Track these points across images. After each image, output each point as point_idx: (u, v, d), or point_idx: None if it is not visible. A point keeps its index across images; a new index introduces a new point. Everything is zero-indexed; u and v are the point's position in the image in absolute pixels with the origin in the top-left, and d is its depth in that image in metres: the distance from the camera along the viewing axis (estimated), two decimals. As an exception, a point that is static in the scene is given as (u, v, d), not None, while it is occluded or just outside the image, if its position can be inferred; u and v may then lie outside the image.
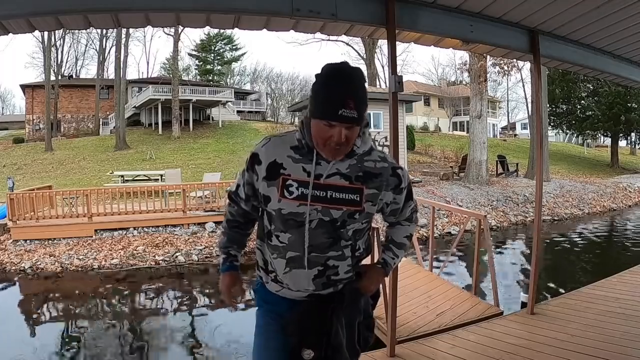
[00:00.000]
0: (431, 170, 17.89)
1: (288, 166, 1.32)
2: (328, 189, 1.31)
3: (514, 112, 55.14)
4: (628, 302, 3.69)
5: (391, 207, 1.45)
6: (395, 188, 1.41)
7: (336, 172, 1.32)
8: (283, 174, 1.31)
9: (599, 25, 3.11)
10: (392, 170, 1.39)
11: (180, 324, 5.42)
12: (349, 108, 1.20)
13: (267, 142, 1.37)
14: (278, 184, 1.32)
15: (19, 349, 4.63)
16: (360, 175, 1.33)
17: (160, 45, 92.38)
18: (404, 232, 1.57)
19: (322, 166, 1.31)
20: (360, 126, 1.29)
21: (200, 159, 20.39)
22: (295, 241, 1.35)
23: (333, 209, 1.31)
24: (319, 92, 1.26)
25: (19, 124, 37.13)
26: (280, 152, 1.33)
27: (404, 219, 1.54)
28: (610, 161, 25.82)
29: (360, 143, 1.33)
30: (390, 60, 2.73)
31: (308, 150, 1.32)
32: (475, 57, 14.22)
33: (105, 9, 2.28)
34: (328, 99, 1.22)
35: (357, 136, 1.29)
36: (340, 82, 1.23)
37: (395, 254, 1.56)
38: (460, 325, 3.57)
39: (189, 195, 9.90)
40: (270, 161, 1.33)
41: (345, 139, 1.23)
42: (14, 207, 8.63)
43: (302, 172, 1.31)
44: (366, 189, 1.33)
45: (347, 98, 1.20)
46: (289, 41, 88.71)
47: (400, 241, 1.56)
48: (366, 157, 1.36)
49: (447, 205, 9.94)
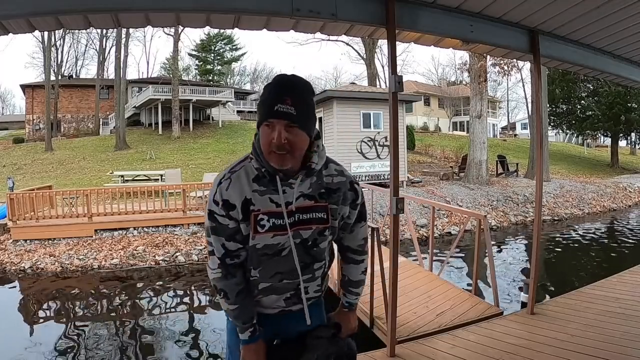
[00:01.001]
0: (431, 170, 17.89)
1: (256, 201, 1.29)
2: (296, 212, 1.31)
3: (514, 112, 55.23)
4: (628, 302, 3.70)
5: (344, 221, 1.43)
6: (352, 202, 1.40)
7: (300, 194, 1.31)
8: (253, 210, 1.29)
9: (599, 25, 3.11)
10: (350, 184, 1.39)
11: (180, 324, 5.42)
12: (285, 104, 1.20)
13: (229, 182, 1.30)
14: (251, 221, 1.29)
15: (19, 349, 4.63)
16: (323, 192, 1.34)
17: (160, 45, 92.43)
18: (359, 269, 1.54)
19: (288, 193, 1.30)
20: (308, 134, 1.26)
21: (200, 159, 20.40)
22: (266, 273, 1.36)
23: (303, 230, 1.33)
24: (260, 97, 1.27)
25: (19, 124, 37.18)
26: (246, 188, 1.29)
27: (355, 246, 1.50)
28: (610, 161, 25.82)
29: (317, 159, 1.31)
30: (390, 60, 2.73)
31: (270, 179, 1.29)
32: (475, 57, 14.23)
33: (105, 9, 2.28)
34: (266, 99, 1.23)
35: (303, 147, 1.26)
36: (278, 84, 1.25)
37: (356, 293, 1.57)
38: (460, 325, 3.57)
39: (189, 195, 9.90)
40: (242, 200, 1.29)
41: (286, 141, 1.21)
42: (14, 207, 8.63)
43: (269, 203, 1.29)
44: (329, 204, 1.35)
45: (284, 95, 1.21)
46: (289, 41, 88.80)
47: (357, 279, 1.55)
48: (324, 171, 1.36)
49: (447, 205, 9.94)
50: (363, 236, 1.50)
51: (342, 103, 13.23)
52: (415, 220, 10.12)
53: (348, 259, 1.52)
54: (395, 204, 2.72)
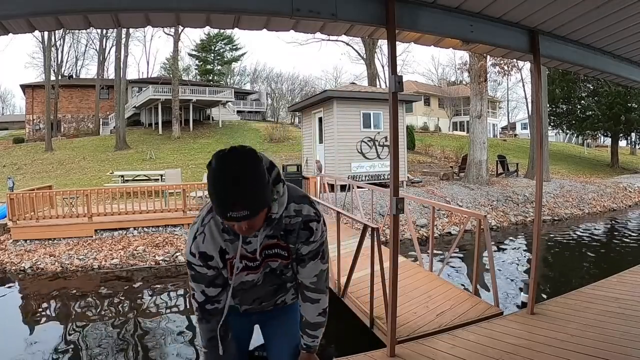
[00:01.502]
0: (431, 170, 17.88)
1: (229, 250, 1.40)
2: (262, 251, 1.43)
3: (514, 112, 55.22)
4: (628, 302, 3.70)
5: (297, 253, 1.47)
6: (305, 240, 1.43)
7: (265, 237, 1.41)
8: (229, 258, 1.41)
9: (599, 25, 3.11)
10: (303, 224, 1.41)
11: (180, 324, 5.42)
12: (237, 210, 1.15)
13: (203, 236, 1.37)
14: (227, 266, 1.42)
15: (19, 349, 4.63)
16: (282, 234, 1.42)
17: (160, 45, 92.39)
18: (316, 310, 1.54)
19: (253, 243, 1.40)
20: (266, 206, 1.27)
21: (200, 159, 20.39)
22: (246, 300, 1.56)
23: (271, 261, 1.46)
24: (209, 190, 1.19)
25: (19, 124, 37.18)
26: (219, 240, 1.38)
27: (308, 283, 1.51)
28: (610, 161, 25.81)
29: (277, 208, 1.34)
30: (390, 60, 2.73)
31: (234, 232, 1.35)
32: (475, 57, 14.22)
33: (105, 9, 2.28)
34: (216, 201, 1.18)
35: (263, 217, 1.29)
36: (223, 184, 1.15)
37: (314, 335, 1.58)
38: (460, 325, 3.57)
39: (189, 195, 9.90)
40: (217, 251, 1.39)
41: (247, 227, 1.25)
42: (14, 207, 8.63)
43: (239, 249, 1.39)
44: (289, 244, 1.44)
45: (233, 201, 1.15)
46: (289, 41, 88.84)
47: (314, 321, 1.56)
48: (284, 212, 1.38)
49: (447, 205, 9.94)
50: (316, 273, 1.49)
51: (342, 103, 13.22)
52: (415, 220, 10.12)
53: (304, 297, 1.55)
54: (395, 204, 2.72)
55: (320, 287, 1.52)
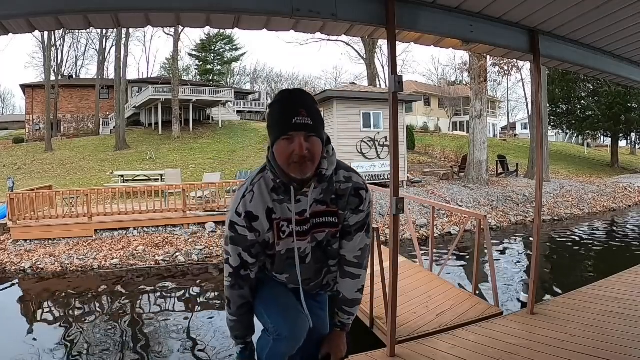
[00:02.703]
0: (431, 170, 17.88)
1: (277, 210, 1.38)
2: (311, 218, 1.40)
3: (514, 112, 55.24)
4: (628, 302, 3.69)
5: (345, 224, 1.45)
6: (354, 209, 1.43)
7: (314, 201, 1.39)
8: (275, 219, 1.39)
9: (599, 25, 3.11)
10: (354, 190, 1.42)
11: (180, 324, 5.42)
12: (302, 115, 1.26)
13: (252, 194, 1.38)
14: (274, 228, 1.40)
15: (19, 349, 4.63)
16: (333, 198, 1.41)
17: (160, 45, 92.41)
18: (355, 286, 1.53)
19: (302, 202, 1.38)
20: (321, 140, 1.32)
21: (200, 159, 20.39)
22: (293, 279, 1.49)
23: (317, 233, 1.42)
24: (273, 115, 1.31)
25: (19, 124, 37.17)
26: (267, 199, 1.38)
27: (353, 257, 1.49)
28: (610, 161, 25.81)
29: (327, 165, 1.36)
30: (390, 60, 2.72)
31: (285, 189, 1.36)
32: (475, 57, 14.22)
33: (105, 9, 2.28)
34: (281, 115, 1.28)
35: (320, 153, 1.32)
36: (288, 99, 1.31)
37: (350, 312, 1.57)
38: (460, 325, 3.57)
39: (189, 195, 9.90)
40: (265, 210, 1.38)
41: (307, 151, 1.27)
42: (14, 207, 8.63)
43: (288, 211, 1.38)
44: (339, 210, 1.42)
45: (298, 108, 1.27)
46: (289, 41, 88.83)
47: (353, 297, 1.55)
48: (335, 176, 1.41)
49: (447, 205, 9.94)
50: (361, 247, 1.49)
51: (342, 103, 13.23)
52: (415, 220, 10.11)
53: (344, 273, 1.51)
54: (395, 204, 2.72)
55: (362, 263, 1.52)
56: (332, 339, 1.60)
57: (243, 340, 1.54)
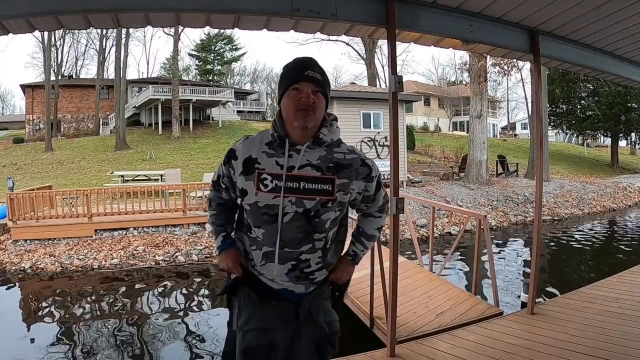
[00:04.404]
0: (431, 170, 17.88)
1: (262, 161, 1.41)
2: (301, 180, 1.39)
3: (514, 112, 55.22)
4: (628, 302, 3.70)
5: (363, 194, 1.52)
6: (366, 177, 1.48)
7: (307, 164, 1.40)
8: (258, 169, 1.41)
9: (599, 25, 3.11)
10: (361, 161, 1.48)
11: (180, 324, 5.42)
12: (313, 70, 1.38)
13: (245, 139, 1.49)
14: (254, 178, 1.41)
15: (19, 349, 4.63)
16: (331, 166, 1.42)
17: (160, 45, 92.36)
18: (376, 224, 1.64)
19: (294, 158, 1.40)
20: (326, 101, 1.42)
21: (200, 159, 20.38)
22: (269, 237, 1.43)
23: (306, 200, 1.39)
24: (286, 71, 1.43)
25: (19, 124, 37.16)
26: (256, 148, 1.44)
27: (377, 209, 1.61)
28: (610, 161, 25.81)
29: (326, 131, 1.43)
30: (390, 60, 2.72)
31: (280, 143, 1.42)
32: (475, 57, 14.22)
33: (105, 9, 2.28)
34: (294, 68, 1.40)
35: (323, 112, 1.41)
36: (302, 59, 1.43)
37: (365, 246, 1.65)
38: (460, 325, 3.57)
39: (189, 195, 9.90)
40: (245, 156, 1.43)
41: (312, 102, 1.36)
42: (14, 207, 8.62)
43: (275, 165, 1.40)
44: (337, 179, 1.42)
45: (311, 64, 1.40)
46: (289, 41, 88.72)
47: (371, 233, 1.65)
48: (335, 148, 1.46)
49: (447, 205, 9.94)
50: (384, 201, 1.61)
51: (342, 103, 13.23)
52: (415, 220, 10.11)
53: (367, 215, 1.62)
54: (395, 204, 2.72)
55: (383, 209, 1.63)
56: (340, 264, 1.61)
57: (224, 227, 1.61)
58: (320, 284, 1.53)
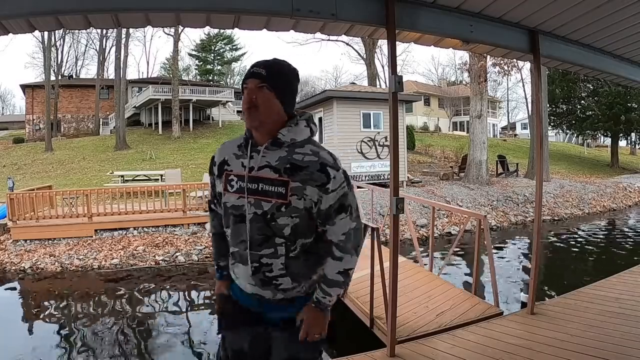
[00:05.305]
0: (431, 170, 17.88)
1: (231, 163, 1.47)
2: (259, 181, 1.39)
3: (514, 112, 55.24)
4: (628, 302, 3.70)
5: (318, 207, 1.37)
6: (320, 186, 1.33)
7: (266, 165, 1.39)
8: (227, 170, 1.47)
9: (599, 25, 3.11)
10: (320, 165, 1.34)
11: (180, 324, 5.42)
12: (258, 67, 1.37)
13: (223, 144, 1.54)
14: (223, 179, 1.47)
15: (19, 349, 4.63)
16: (288, 167, 1.36)
17: (160, 45, 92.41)
18: (336, 267, 1.41)
19: (254, 159, 1.41)
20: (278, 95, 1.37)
21: (200, 159, 20.37)
22: (235, 237, 1.46)
23: (264, 202, 1.38)
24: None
25: (19, 124, 37.18)
26: (229, 151, 1.49)
27: (337, 239, 1.40)
28: (610, 161, 25.80)
29: (286, 132, 1.39)
30: (390, 60, 2.73)
31: (246, 144, 1.45)
32: (475, 57, 14.22)
33: (105, 9, 2.28)
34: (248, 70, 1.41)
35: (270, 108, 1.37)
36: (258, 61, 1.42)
37: (326, 292, 1.43)
38: (460, 325, 3.57)
39: (189, 195, 9.90)
40: (220, 160, 1.50)
41: (255, 97, 1.34)
42: (14, 207, 8.62)
43: (240, 167, 1.43)
44: (291, 181, 1.34)
45: (259, 62, 1.39)
46: (289, 41, 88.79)
47: (331, 278, 1.42)
48: (297, 149, 1.39)
49: (447, 205, 9.94)
50: (344, 231, 1.39)
51: (342, 103, 13.23)
52: (415, 220, 10.11)
53: (328, 252, 1.43)
54: (395, 204, 2.72)
55: (346, 247, 1.40)
56: (306, 312, 1.46)
57: (217, 264, 1.67)
58: (296, 311, 1.47)
